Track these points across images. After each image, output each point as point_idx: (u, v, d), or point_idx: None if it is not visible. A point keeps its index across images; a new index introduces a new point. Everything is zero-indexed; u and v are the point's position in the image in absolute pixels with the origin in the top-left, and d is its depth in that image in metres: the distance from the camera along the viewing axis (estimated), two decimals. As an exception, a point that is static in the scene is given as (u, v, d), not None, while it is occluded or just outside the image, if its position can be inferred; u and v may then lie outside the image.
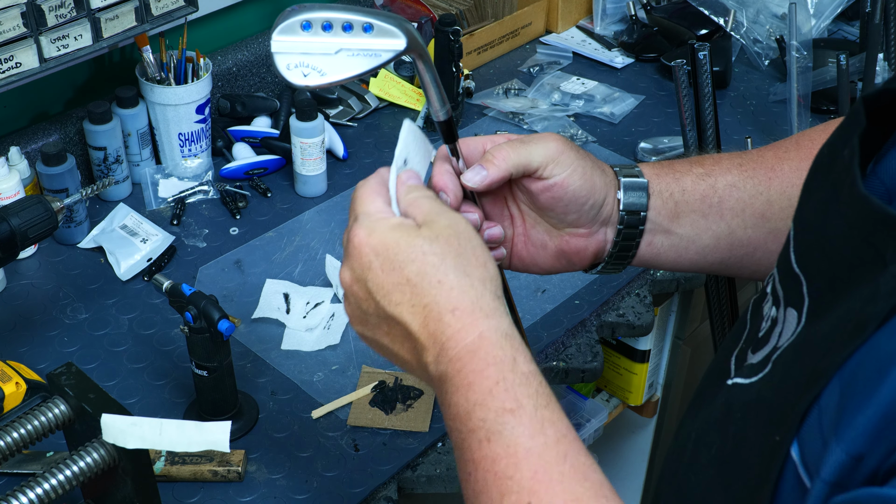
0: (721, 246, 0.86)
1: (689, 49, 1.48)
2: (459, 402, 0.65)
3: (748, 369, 0.67)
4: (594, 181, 0.81)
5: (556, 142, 0.79)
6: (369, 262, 0.69)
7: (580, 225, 0.83)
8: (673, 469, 0.75)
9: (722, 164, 0.87)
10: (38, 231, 1.13)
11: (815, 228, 0.65)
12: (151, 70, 1.52)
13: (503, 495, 0.62)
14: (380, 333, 0.72)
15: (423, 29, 1.79)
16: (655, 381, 1.82)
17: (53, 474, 0.86)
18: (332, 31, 0.69)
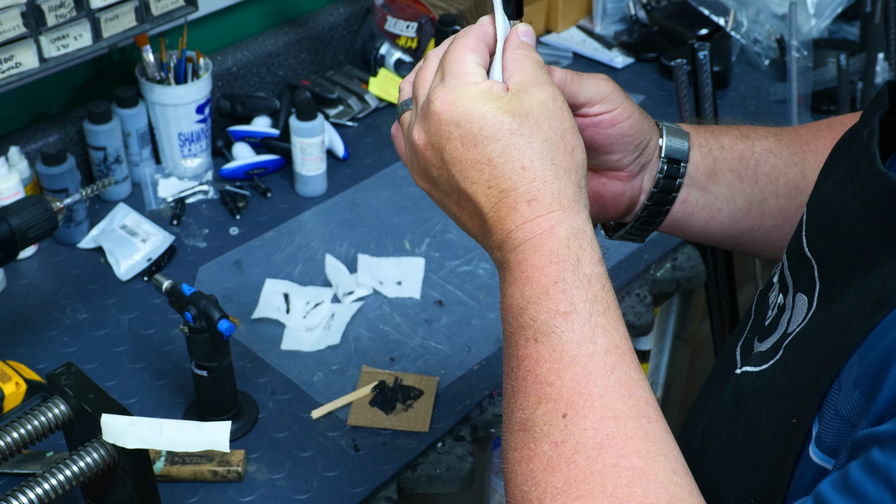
0: (753, 212, 0.84)
1: (689, 49, 1.48)
2: (515, 294, 0.63)
3: (757, 357, 0.67)
4: (641, 122, 0.78)
5: (606, 81, 0.76)
6: (449, 132, 0.65)
7: (621, 167, 0.80)
8: None
9: (759, 131, 0.85)
10: (38, 231, 1.13)
11: (828, 211, 0.64)
12: (151, 70, 1.52)
13: (540, 401, 0.60)
14: (448, 201, 0.69)
15: (423, 29, 1.79)
16: (655, 381, 1.82)
17: (53, 474, 0.86)
18: None
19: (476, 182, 0.64)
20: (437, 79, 0.67)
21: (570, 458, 0.57)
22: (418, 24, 1.79)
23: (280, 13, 1.78)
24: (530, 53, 0.68)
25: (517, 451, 0.60)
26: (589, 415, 0.58)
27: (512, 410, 0.62)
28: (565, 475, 0.57)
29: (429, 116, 0.66)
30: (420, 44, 1.80)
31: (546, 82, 0.66)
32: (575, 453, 0.57)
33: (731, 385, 0.69)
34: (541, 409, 0.60)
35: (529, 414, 0.60)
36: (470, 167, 0.64)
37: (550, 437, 0.59)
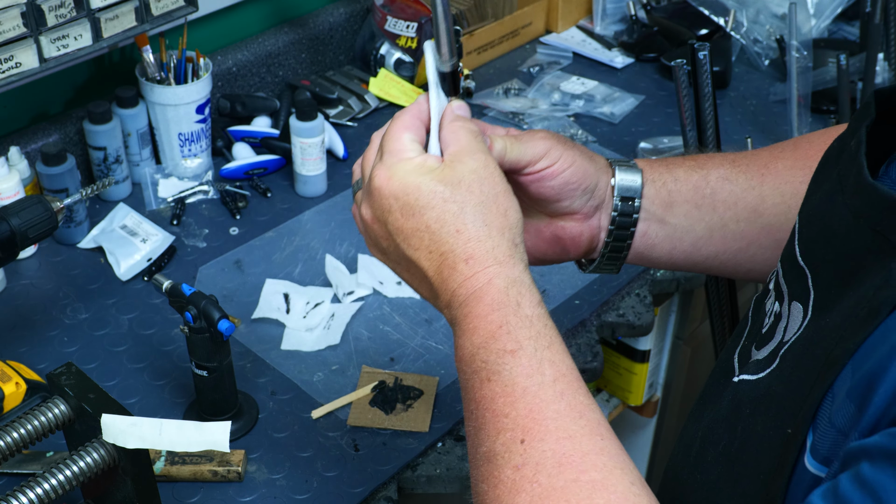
0: (715, 238, 0.86)
1: (689, 49, 1.48)
2: (465, 345, 0.68)
3: (754, 366, 0.67)
4: (584, 167, 0.82)
5: (544, 140, 0.80)
6: (389, 205, 0.71)
7: (574, 210, 0.84)
8: (676, 471, 0.75)
9: (715, 160, 0.88)
10: (38, 231, 1.13)
11: (820, 221, 0.65)
12: (151, 70, 1.52)
13: (499, 432, 0.64)
14: (400, 269, 0.75)
15: (423, 29, 1.79)
16: (655, 381, 1.82)
17: (53, 474, 0.86)
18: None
19: (418, 248, 0.70)
20: (377, 158, 0.73)
21: (532, 479, 0.61)
22: (418, 24, 1.79)
23: (280, 13, 1.78)
24: (466, 125, 0.74)
25: (484, 483, 0.64)
26: (545, 437, 0.62)
27: (476, 447, 0.66)
28: (530, 494, 0.60)
29: (371, 193, 0.72)
30: (420, 44, 1.81)
31: (479, 150, 0.72)
32: (536, 473, 0.61)
33: (729, 393, 0.69)
34: (500, 439, 0.63)
35: (491, 446, 0.64)
36: (411, 235, 0.70)
37: (512, 463, 0.62)
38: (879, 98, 0.66)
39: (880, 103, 0.66)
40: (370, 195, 0.72)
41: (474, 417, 0.66)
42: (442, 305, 0.71)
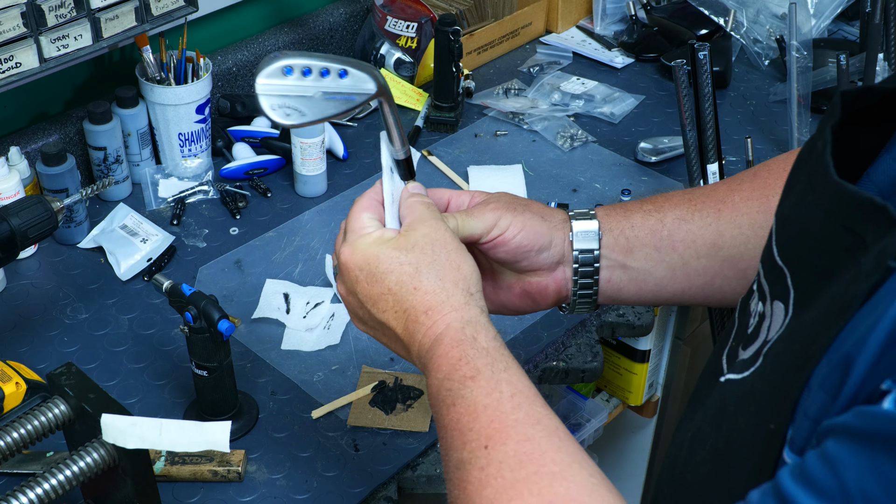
0: (678, 276, 0.91)
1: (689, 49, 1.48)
2: (433, 382, 0.75)
3: (740, 365, 0.69)
4: (535, 230, 0.88)
5: (493, 211, 0.87)
6: (356, 276, 0.80)
7: (535, 267, 0.90)
8: (670, 470, 0.77)
9: (672, 200, 0.92)
10: (38, 231, 1.13)
11: (794, 221, 0.67)
12: (151, 70, 1.52)
13: (465, 444, 0.70)
14: (378, 334, 0.83)
15: (423, 29, 1.79)
16: (655, 381, 1.82)
17: (53, 474, 0.86)
18: (311, 76, 0.77)
19: (386, 311, 0.79)
20: (342, 238, 0.83)
21: (496, 475, 0.67)
22: (418, 24, 1.79)
23: (280, 13, 1.78)
24: (420, 199, 0.83)
25: (455, 488, 0.70)
26: (507, 441, 0.68)
27: (447, 462, 0.72)
28: (495, 487, 0.66)
29: (341, 269, 0.82)
30: (420, 44, 1.81)
31: (431, 218, 0.81)
32: (500, 470, 0.67)
33: (716, 393, 0.71)
34: (467, 448, 0.70)
35: (459, 455, 0.70)
36: (378, 300, 0.79)
37: (478, 465, 0.68)
38: (846, 99, 0.67)
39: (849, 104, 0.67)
40: (341, 272, 0.82)
41: (444, 439, 0.73)
42: (414, 357, 0.79)
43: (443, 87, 1.70)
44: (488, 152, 1.68)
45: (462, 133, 1.73)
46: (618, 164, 1.66)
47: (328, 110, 0.78)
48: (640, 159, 1.66)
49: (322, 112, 0.78)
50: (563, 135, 1.71)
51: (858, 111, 0.68)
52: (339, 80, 0.77)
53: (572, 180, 1.62)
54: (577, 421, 1.76)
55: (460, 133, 1.73)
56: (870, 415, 0.50)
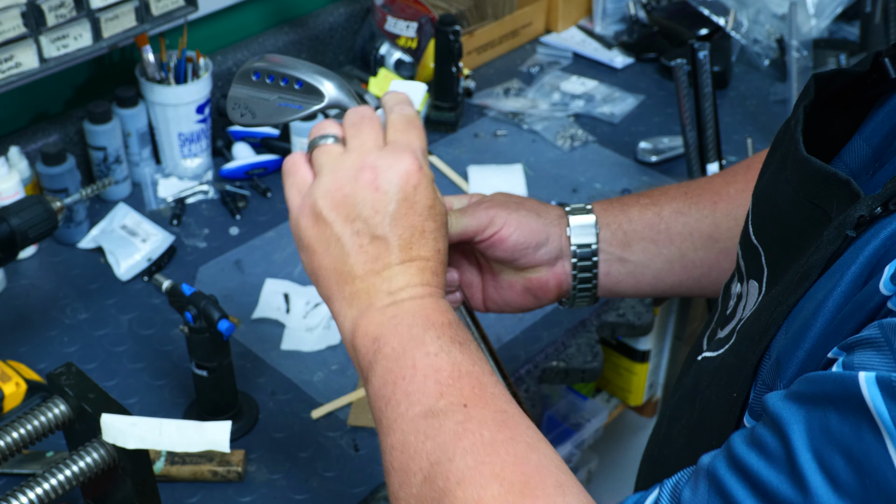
0: (675, 269, 0.91)
1: (689, 49, 1.48)
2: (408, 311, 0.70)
3: (716, 344, 0.71)
4: (530, 227, 0.87)
5: (487, 209, 0.86)
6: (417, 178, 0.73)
7: (535, 265, 0.89)
8: (650, 449, 0.79)
9: (668, 194, 0.93)
10: (38, 231, 1.13)
11: (768, 199, 0.69)
12: (151, 70, 1.52)
13: (441, 395, 0.65)
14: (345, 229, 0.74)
15: (423, 29, 1.79)
16: (655, 381, 1.82)
17: (53, 474, 0.86)
18: (273, 83, 0.81)
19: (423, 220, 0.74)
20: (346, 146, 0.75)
21: (475, 431, 0.63)
22: (418, 24, 1.79)
23: (280, 13, 1.78)
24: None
25: (420, 434, 0.64)
26: (486, 406, 0.65)
27: (409, 406, 0.66)
28: (472, 441, 0.62)
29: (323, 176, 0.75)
30: (420, 44, 1.81)
31: None
32: (479, 428, 0.63)
33: (693, 371, 0.73)
34: (444, 400, 0.65)
35: (432, 405, 0.65)
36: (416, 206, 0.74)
37: (455, 418, 0.64)
38: (819, 81, 0.69)
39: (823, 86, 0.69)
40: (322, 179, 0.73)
41: (414, 380, 0.67)
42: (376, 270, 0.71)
43: (443, 87, 1.70)
44: (488, 152, 1.68)
45: (462, 133, 1.73)
46: (618, 164, 1.66)
47: (277, 116, 0.81)
48: (640, 159, 1.66)
49: (270, 116, 0.81)
50: (563, 135, 1.71)
51: (833, 94, 0.69)
52: (295, 88, 0.80)
53: (572, 180, 1.62)
54: (577, 421, 1.75)
55: (460, 133, 1.73)
56: (816, 379, 0.51)
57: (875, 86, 0.70)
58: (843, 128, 0.70)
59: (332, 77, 0.80)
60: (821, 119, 0.69)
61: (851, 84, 0.70)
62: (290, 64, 0.81)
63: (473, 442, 0.62)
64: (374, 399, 0.69)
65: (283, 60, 0.81)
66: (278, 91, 0.80)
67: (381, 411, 0.68)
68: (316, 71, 0.81)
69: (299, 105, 0.80)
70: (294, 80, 0.80)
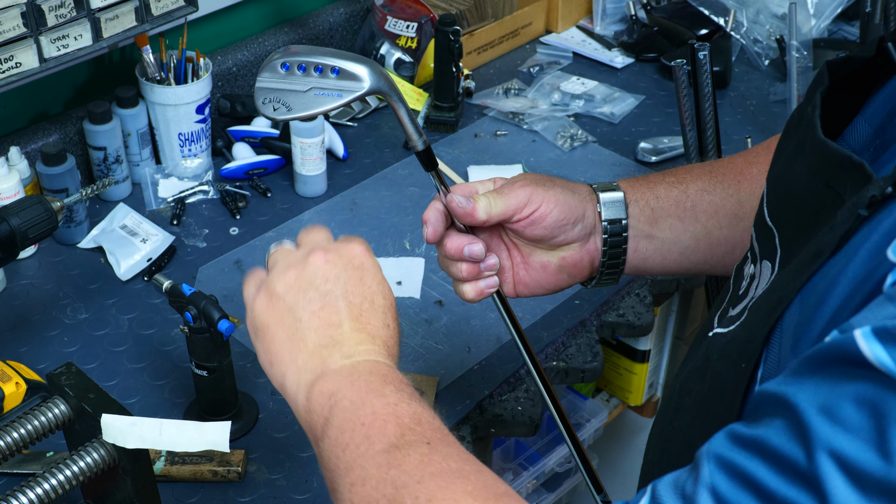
0: (701, 246, 0.93)
1: (689, 49, 1.48)
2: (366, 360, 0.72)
3: (727, 321, 0.72)
4: (568, 203, 0.89)
5: (523, 187, 0.88)
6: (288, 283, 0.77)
7: (570, 242, 0.91)
8: (659, 424, 0.80)
9: (693, 172, 0.95)
10: (38, 231, 1.13)
11: (783, 182, 0.70)
12: (151, 70, 1.52)
13: (402, 434, 0.66)
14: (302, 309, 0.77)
15: (423, 29, 1.79)
16: (655, 381, 1.82)
17: (53, 474, 0.86)
18: (305, 72, 0.77)
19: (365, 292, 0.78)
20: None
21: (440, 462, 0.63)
22: (418, 24, 1.79)
23: (280, 13, 1.78)
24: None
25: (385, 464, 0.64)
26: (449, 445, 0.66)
27: (367, 448, 0.66)
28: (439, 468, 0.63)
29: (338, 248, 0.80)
30: (420, 44, 1.81)
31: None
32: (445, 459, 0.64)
33: (703, 346, 0.74)
34: (405, 439, 0.65)
35: (394, 441, 0.65)
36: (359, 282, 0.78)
37: (419, 451, 0.64)
38: (831, 68, 0.70)
39: (834, 73, 0.70)
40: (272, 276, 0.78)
41: (374, 423, 0.67)
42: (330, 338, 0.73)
43: (443, 87, 1.70)
44: (488, 152, 1.68)
45: (462, 133, 1.73)
46: (618, 164, 1.66)
47: (315, 106, 0.78)
48: (640, 159, 1.66)
49: (308, 107, 0.79)
50: (563, 135, 1.71)
51: (840, 80, 0.71)
52: (332, 77, 0.77)
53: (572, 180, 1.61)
54: (577, 421, 1.76)
55: (460, 133, 1.73)
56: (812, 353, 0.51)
57: (879, 70, 0.71)
58: (845, 111, 0.71)
59: (368, 62, 0.79)
60: (829, 104, 0.70)
61: (857, 69, 0.71)
62: (320, 52, 0.78)
63: (441, 469, 0.63)
64: (331, 449, 0.68)
65: (308, 49, 0.79)
66: (312, 81, 0.78)
67: (337, 458, 0.67)
68: (350, 57, 0.78)
69: (338, 93, 0.78)
70: (329, 69, 0.77)
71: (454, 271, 0.90)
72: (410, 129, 0.83)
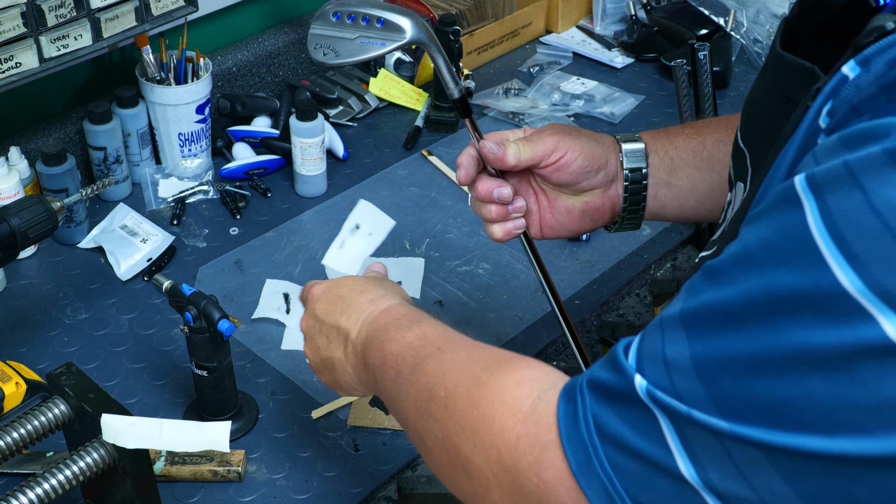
0: (716, 193, 0.98)
1: (689, 49, 1.48)
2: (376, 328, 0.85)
3: (709, 245, 0.76)
4: (592, 151, 0.96)
5: (551, 136, 0.96)
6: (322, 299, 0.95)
7: (593, 188, 0.98)
8: None
9: (711, 125, 1.00)
10: (38, 231, 1.13)
11: (752, 105, 0.74)
12: (151, 70, 1.52)
13: (421, 348, 0.79)
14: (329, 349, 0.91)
15: (423, 29, 1.79)
16: (655, 381, 1.81)
17: (53, 474, 0.86)
18: (354, 22, 0.86)
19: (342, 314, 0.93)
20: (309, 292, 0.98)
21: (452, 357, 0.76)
22: (418, 24, 1.79)
23: (280, 13, 1.78)
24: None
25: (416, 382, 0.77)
26: (457, 343, 0.79)
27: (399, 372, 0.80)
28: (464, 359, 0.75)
29: (310, 300, 0.98)
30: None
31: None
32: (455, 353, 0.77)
33: (690, 276, 0.76)
34: (421, 354, 0.79)
35: (413, 361, 0.79)
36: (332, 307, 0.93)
37: (434, 358, 0.77)
38: (804, 5, 0.72)
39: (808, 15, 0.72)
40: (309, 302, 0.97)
41: (397, 353, 0.81)
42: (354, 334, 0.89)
43: (443, 88, 1.70)
44: (488, 152, 1.68)
45: (462, 133, 1.73)
46: (618, 164, 1.66)
47: (361, 53, 0.87)
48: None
49: (354, 54, 0.87)
50: (563, 135, 1.71)
51: (818, 27, 0.72)
52: (377, 26, 0.85)
53: (572, 180, 1.62)
54: (577, 421, 1.75)
55: (460, 133, 1.73)
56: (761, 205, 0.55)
57: (858, 18, 0.72)
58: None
59: (411, 15, 0.86)
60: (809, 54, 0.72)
61: (836, 17, 0.72)
62: (370, 3, 0.86)
63: (455, 362, 0.75)
64: (386, 393, 0.83)
65: (359, 0, 0.86)
66: (360, 30, 0.86)
67: (392, 394, 0.81)
68: (395, 10, 0.85)
69: (382, 42, 0.86)
70: (375, 19, 0.85)
71: (484, 212, 0.98)
72: (448, 77, 0.91)
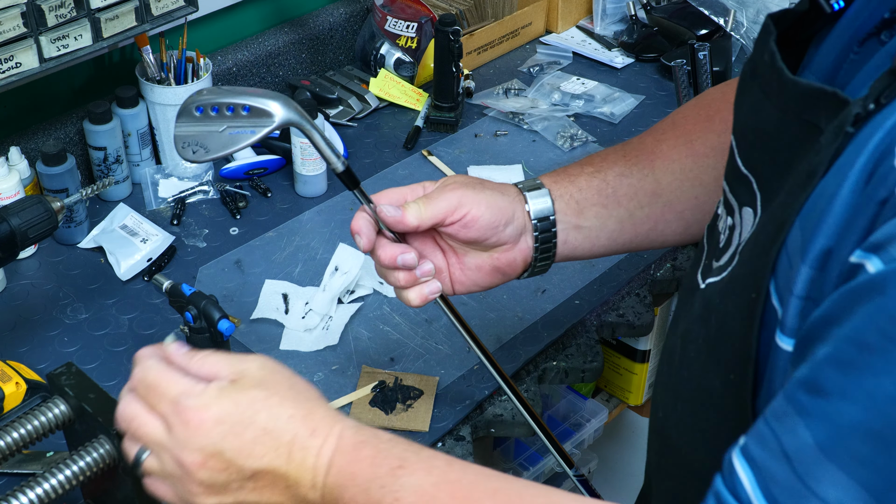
0: (626, 227, 0.98)
1: (689, 49, 1.48)
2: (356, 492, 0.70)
3: (717, 270, 0.74)
4: (498, 205, 0.92)
5: (453, 191, 0.91)
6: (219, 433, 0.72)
7: (503, 243, 0.94)
8: (664, 378, 0.82)
9: (609, 159, 0.99)
10: (38, 231, 1.13)
11: (752, 130, 0.72)
12: (151, 70, 1.52)
13: None
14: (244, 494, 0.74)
15: (423, 29, 1.79)
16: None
17: (53, 474, 0.86)
18: (219, 113, 0.81)
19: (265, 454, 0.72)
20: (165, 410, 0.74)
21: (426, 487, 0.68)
22: (418, 24, 1.79)
23: (280, 13, 1.78)
24: (204, 354, 0.78)
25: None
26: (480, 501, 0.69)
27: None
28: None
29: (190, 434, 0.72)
30: (420, 44, 1.81)
31: (244, 358, 0.77)
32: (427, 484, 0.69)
33: (698, 298, 0.76)
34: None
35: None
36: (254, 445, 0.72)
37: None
38: (774, 18, 0.73)
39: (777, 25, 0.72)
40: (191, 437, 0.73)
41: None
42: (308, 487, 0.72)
43: (443, 87, 1.70)
44: (488, 152, 1.68)
45: (462, 133, 1.73)
46: (618, 164, 1.66)
47: (232, 144, 0.82)
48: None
49: (225, 146, 0.82)
50: (563, 135, 1.71)
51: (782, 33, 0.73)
52: (243, 114, 0.81)
53: (572, 180, 1.62)
54: (577, 421, 1.76)
55: (460, 133, 1.73)
56: (854, 288, 0.53)
57: (813, 23, 0.73)
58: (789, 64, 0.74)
59: (278, 97, 0.82)
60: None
61: (792, 25, 0.73)
62: (231, 92, 0.82)
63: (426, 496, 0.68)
64: None
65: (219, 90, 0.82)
66: (226, 120, 0.81)
67: None
68: (260, 94, 0.82)
69: (251, 129, 0.81)
70: (240, 107, 0.81)
71: (392, 280, 0.93)
72: (328, 153, 0.86)
